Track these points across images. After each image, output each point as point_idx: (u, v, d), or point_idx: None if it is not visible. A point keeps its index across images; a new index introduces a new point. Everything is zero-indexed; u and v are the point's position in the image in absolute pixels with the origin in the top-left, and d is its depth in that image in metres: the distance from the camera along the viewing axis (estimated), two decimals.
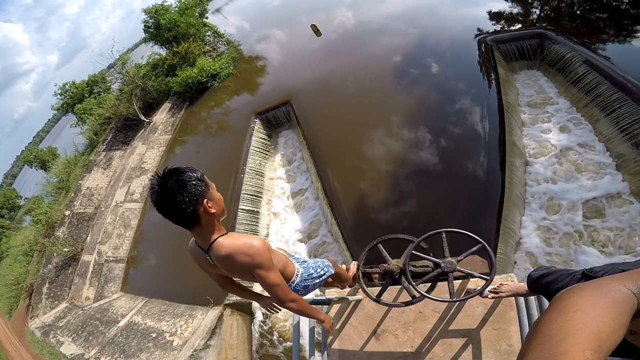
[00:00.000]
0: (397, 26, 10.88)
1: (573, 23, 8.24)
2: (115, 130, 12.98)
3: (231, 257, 1.52)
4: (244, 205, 7.38)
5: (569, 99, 6.74)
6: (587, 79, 6.34)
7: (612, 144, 5.70)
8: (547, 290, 1.50)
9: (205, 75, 12.17)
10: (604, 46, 6.97)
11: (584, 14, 8.55)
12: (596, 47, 6.87)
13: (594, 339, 0.52)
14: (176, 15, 14.44)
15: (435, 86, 7.91)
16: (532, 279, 1.68)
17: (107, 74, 17.13)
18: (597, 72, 6.17)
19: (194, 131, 10.90)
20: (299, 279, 2.01)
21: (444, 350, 2.55)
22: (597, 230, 5.01)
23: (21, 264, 10.50)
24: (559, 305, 0.62)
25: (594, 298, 0.60)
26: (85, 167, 12.16)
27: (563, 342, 0.52)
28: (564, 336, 0.53)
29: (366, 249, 2.51)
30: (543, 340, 0.55)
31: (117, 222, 9.18)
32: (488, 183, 5.49)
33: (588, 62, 6.43)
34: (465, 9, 10.43)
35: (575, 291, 0.64)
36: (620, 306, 0.59)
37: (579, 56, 6.63)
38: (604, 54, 6.62)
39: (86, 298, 8.01)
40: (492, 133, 6.08)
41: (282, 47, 13.75)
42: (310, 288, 2.13)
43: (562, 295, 0.65)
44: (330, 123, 8.20)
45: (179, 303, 6.57)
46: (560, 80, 7.00)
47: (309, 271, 2.11)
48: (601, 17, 8.00)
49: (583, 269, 1.30)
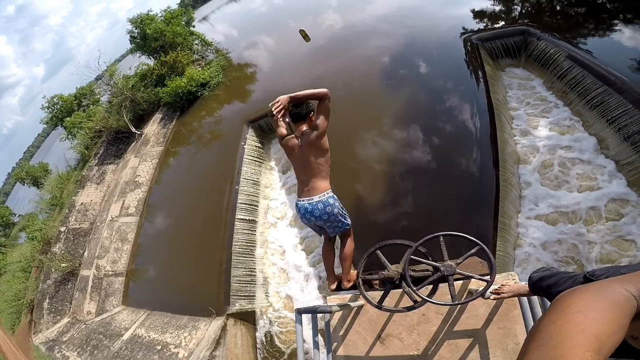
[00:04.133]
0: (385, 28, 11.01)
1: (553, 19, 8.43)
2: (106, 143, 12.86)
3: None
4: (241, 215, 7.37)
5: (555, 93, 6.89)
6: (572, 74, 6.49)
7: (603, 140, 5.81)
8: (549, 293, 1.51)
9: (194, 85, 12.13)
10: (585, 40, 7.14)
11: (564, 9, 8.76)
12: (577, 42, 7.04)
13: (594, 340, 0.52)
14: (162, 24, 14.36)
15: (425, 86, 8.01)
16: (533, 281, 1.69)
17: (95, 86, 16.94)
18: (581, 67, 6.33)
19: (186, 141, 10.86)
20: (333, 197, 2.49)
21: (450, 352, 2.55)
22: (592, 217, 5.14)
23: (20, 280, 10.46)
24: (559, 307, 0.62)
25: (594, 300, 0.61)
26: (78, 182, 12.03)
27: (563, 343, 0.52)
28: (564, 338, 0.54)
29: (365, 256, 2.52)
30: (543, 342, 0.55)
31: (114, 236, 9.12)
32: (483, 180, 5.54)
33: (571, 57, 6.59)
34: (449, 8, 10.60)
35: (576, 293, 0.64)
36: (620, 308, 0.59)
37: (562, 52, 6.79)
38: (585, 48, 6.79)
39: (88, 312, 7.98)
40: (483, 131, 6.16)
41: (271, 53, 13.78)
42: (336, 212, 2.51)
43: (563, 297, 0.65)
44: None
45: (181, 315, 6.56)
46: (546, 75, 7.16)
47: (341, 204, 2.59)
48: (580, 12, 8.20)
49: (584, 273, 1.30)
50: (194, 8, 21.45)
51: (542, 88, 7.15)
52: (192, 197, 8.79)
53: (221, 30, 19.42)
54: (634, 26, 7.06)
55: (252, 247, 7.25)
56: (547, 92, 7.02)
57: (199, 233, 7.85)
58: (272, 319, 6.26)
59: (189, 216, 8.45)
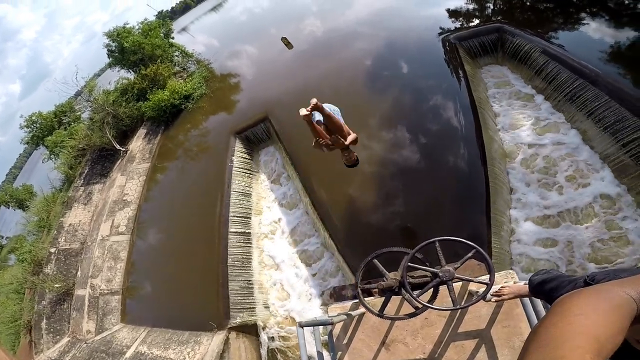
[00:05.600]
0: (366, 30, 11.14)
1: (525, 15, 8.69)
2: (91, 162, 12.59)
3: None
4: (234, 228, 7.33)
5: (535, 89, 7.08)
6: (548, 69, 6.70)
7: (585, 132, 5.98)
8: (551, 297, 1.54)
9: (177, 97, 11.99)
10: (556, 35, 7.37)
11: (534, 4, 9.03)
12: (549, 37, 7.27)
13: (594, 342, 0.53)
14: (140, 37, 14.16)
15: (408, 86, 8.09)
16: (534, 284, 1.72)
17: (75, 103, 16.48)
18: (557, 61, 6.54)
19: (173, 156, 10.72)
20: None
21: (457, 354, 2.56)
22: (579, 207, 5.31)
23: (14, 302, 10.33)
24: (560, 309, 0.63)
25: (594, 303, 0.62)
26: (65, 203, 11.74)
27: (564, 345, 0.53)
28: (564, 339, 0.54)
29: (362, 266, 2.51)
30: (544, 343, 0.56)
31: (106, 255, 9.00)
32: (472, 177, 5.64)
33: (546, 52, 6.81)
34: (425, 9, 10.82)
35: (576, 296, 0.66)
36: (619, 310, 0.60)
37: (537, 47, 7.01)
38: (557, 42, 7.02)
39: (87, 331, 7.88)
40: (468, 128, 6.29)
41: (254, 62, 13.74)
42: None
43: (563, 300, 0.66)
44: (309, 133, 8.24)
45: (182, 330, 6.50)
46: (524, 71, 7.36)
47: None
48: (549, 7, 8.48)
49: (585, 277, 1.33)
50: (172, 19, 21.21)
51: (522, 84, 7.35)
52: (183, 212, 8.70)
53: (202, 40, 19.26)
54: (600, 19, 7.33)
55: (248, 259, 7.23)
56: (526, 88, 7.21)
57: (193, 248, 7.78)
58: (274, 332, 6.23)
59: (182, 231, 8.37)
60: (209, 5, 37.44)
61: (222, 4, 32.24)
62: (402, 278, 2.30)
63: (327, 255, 6.70)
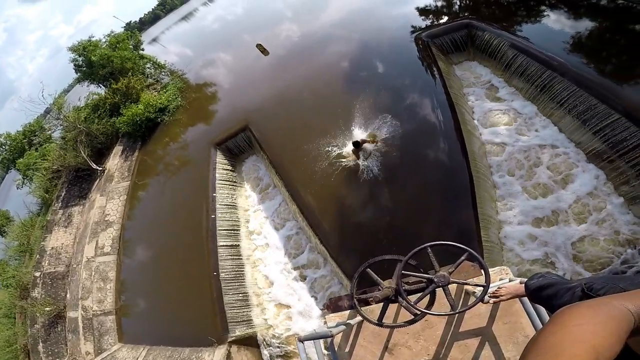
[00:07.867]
0: (340, 33, 11.21)
1: (490, 9, 8.94)
2: (67, 184, 12.10)
3: None
4: (222, 242, 7.24)
5: (507, 82, 7.31)
6: (518, 62, 6.94)
7: (559, 121, 6.21)
8: (549, 304, 1.57)
9: (152, 111, 11.64)
10: (520, 28, 7.64)
11: None
12: (515, 30, 7.53)
13: (592, 351, 0.54)
14: (107, 50, 13.69)
15: (385, 86, 8.17)
16: (531, 290, 1.75)
17: (45, 121, 15.83)
18: (525, 54, 6.78)
19: (154, 172, 10.43)
20: None
21: (461, 353, 2.57)
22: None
23: (6, 327, 10.01)
24: (559, 319, 0.66)
25: (593, 314, 0.64)
26: (45, 227, 11.27)
27: (562, 353, 0.54)
28: (563, 348, 0.55)
29: (355, 277, 2.49)
30: (543, 351, 0.57)
31: (94, 276, 8.77)
32: (456, 172, 5.75)
33: (514, 46, 7.05)
34: (395, 8, 11.00)
35: (576, 308, 0.69)
36: (617, 322, 0.62)
37: (505, 41, 7.26)
38: (522, 35, 7.29)
39: (86, 353, 7.70)
40: (447, 124, 6.42)
41: (231, 70, 13.56)
42: None
43: (563, 311, 0.69)
44: (292, 139, 8.21)
45: (182, 347, 6.40)
46: (495, 65, 7.60)
47: None
48: (511, 1, 8.78)
49: (582, 285, 1.34)
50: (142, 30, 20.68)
51: (494, 78, 7.58)
52: (170, 229, 8.53)
53: (174, 50, 18.81)
54: (559, 10, 7.64)
55: (240, 272, 7.16)
56: (498, 82, 7.44)
57: (184, 263, 7.65)
58: (275, 350, 6.17)
59: (170, 247, 8.20)
60: (179, 14, 36.72)
61: (193, 12, 31.64)
62: (397, 286, 2.31)
63: (320, 261, 6.73)
